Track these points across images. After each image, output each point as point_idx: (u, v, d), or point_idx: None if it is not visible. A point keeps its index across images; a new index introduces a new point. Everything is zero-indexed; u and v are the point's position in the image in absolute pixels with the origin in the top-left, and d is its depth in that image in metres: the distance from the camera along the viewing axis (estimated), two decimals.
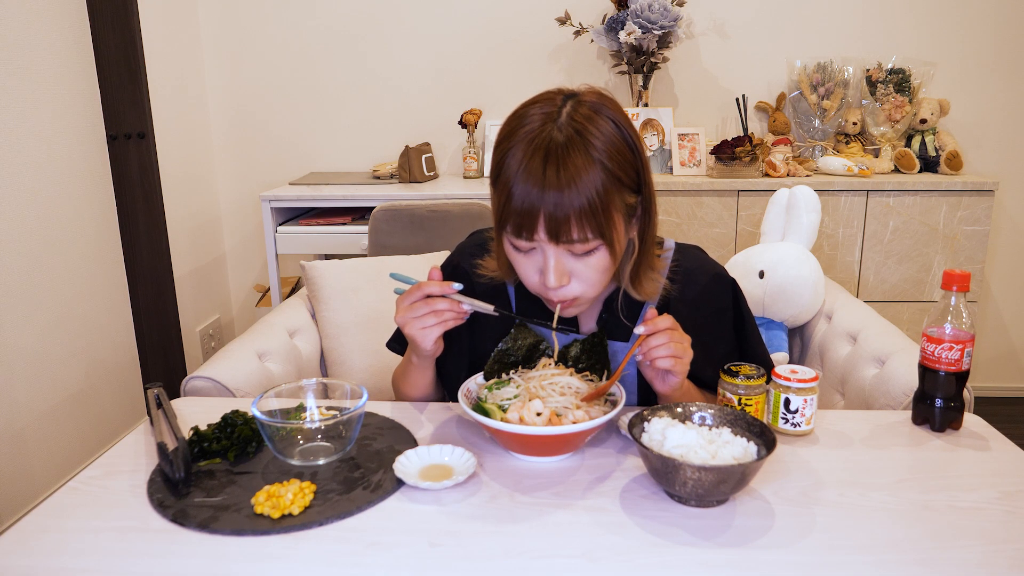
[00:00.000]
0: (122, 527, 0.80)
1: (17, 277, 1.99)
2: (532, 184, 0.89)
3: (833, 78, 2.68)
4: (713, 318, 1.11)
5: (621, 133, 0.93)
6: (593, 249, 0.93)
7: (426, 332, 0.97)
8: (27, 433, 2.03)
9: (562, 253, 0.94)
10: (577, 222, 0.90)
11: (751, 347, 1.14)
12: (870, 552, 0.75)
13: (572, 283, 0.96)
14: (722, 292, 1.12)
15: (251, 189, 2.99)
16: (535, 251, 0.95)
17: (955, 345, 0.97)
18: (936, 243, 2.47)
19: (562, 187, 0.88)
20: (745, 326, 1.14)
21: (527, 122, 0.93)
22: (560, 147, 0.89)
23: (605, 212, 0.91)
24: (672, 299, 1.09)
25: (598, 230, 0.91)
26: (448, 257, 1.20)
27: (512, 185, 0.91)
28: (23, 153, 2.01)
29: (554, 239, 0.91)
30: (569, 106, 0.93)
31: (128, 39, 2.28)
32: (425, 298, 0.97)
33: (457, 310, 0.97)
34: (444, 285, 0.97)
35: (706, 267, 1.13)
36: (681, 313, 1.06)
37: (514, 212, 0.91)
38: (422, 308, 0.96)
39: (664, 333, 0.94)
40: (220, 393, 1.27)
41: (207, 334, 2.90)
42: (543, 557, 0.74)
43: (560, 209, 0.89)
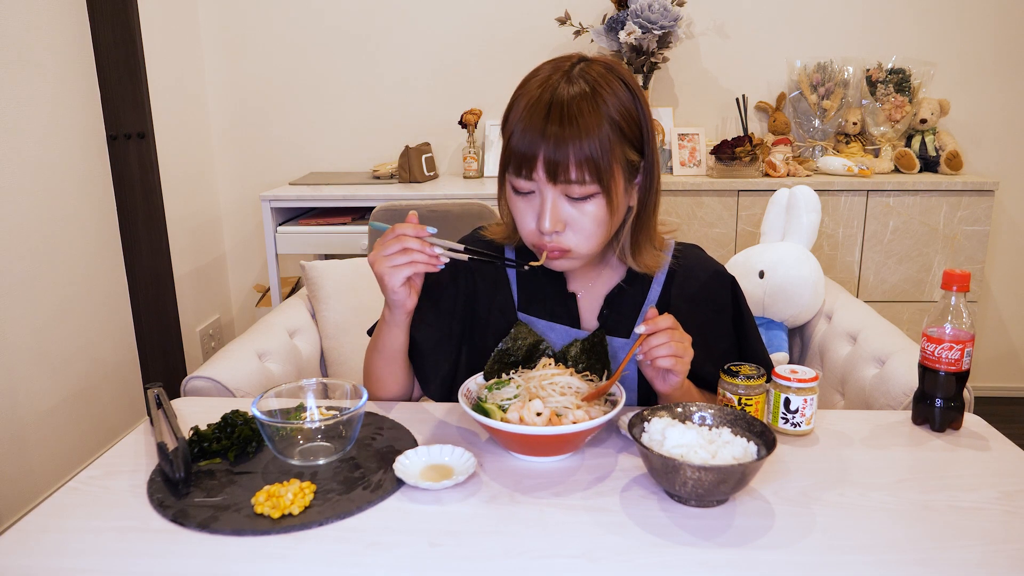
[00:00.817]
0: (122, 527, 0.80)
1: (17, 277, 1.99)
2: (536, 122, 0.92)
3: (833, 78, 2.68)
4: (713, 315, 1.11)
5: (631, 94, 0.96)
6: (590, 195, 0.95)
7: (395, 271, 0.95)
8: (27, 433, 2.03)
9: (559, 197, 0.95)
10: (576, 163, 0.91)
11: (750, 345, 1.14)
12: (870, 552, 0.75)
13: (567, 232, 0.97)
14: (722, 289, 1.12)
15: (251, 189, 2.99)
16: (533, 196, 0.97)
17: (955, 345, 0.97)
18: (936, 243, 2.47)
19: (564, 126, 0.91)
20: (744, 324, 1.14)
21: (540, 73, 0.97)
22: (568, 92, 0.93)
23: (605, 159, 0.92)
24: (672, 296, 1.09)
25: (596, 174, 0.92)
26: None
27: (517, 123, 0.94)
28: (23, 153, 2.01)
29: (552, 178, 0.93)
30: (582, 64, 0.97)
31: (128, 39, 2.28)
32: (398, 236, 0.96)
33: (429, 253, 0.95)
34: (418, 227, 0.96)
35: (706, 264, 1.13)
36: (681, 310, 1.06)
37: (516, 150, 0.94)
38: (394, 246, 0.95)
39: (665, 332, 0.94)
40: (220, 393, 1.27)
41: (207, 334, 2.90)
42: (543, 557, 0.74)
43: (560, 148, 0.91)
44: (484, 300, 1.12)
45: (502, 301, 1.11)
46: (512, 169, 0.96)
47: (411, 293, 1.00)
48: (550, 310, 1.10)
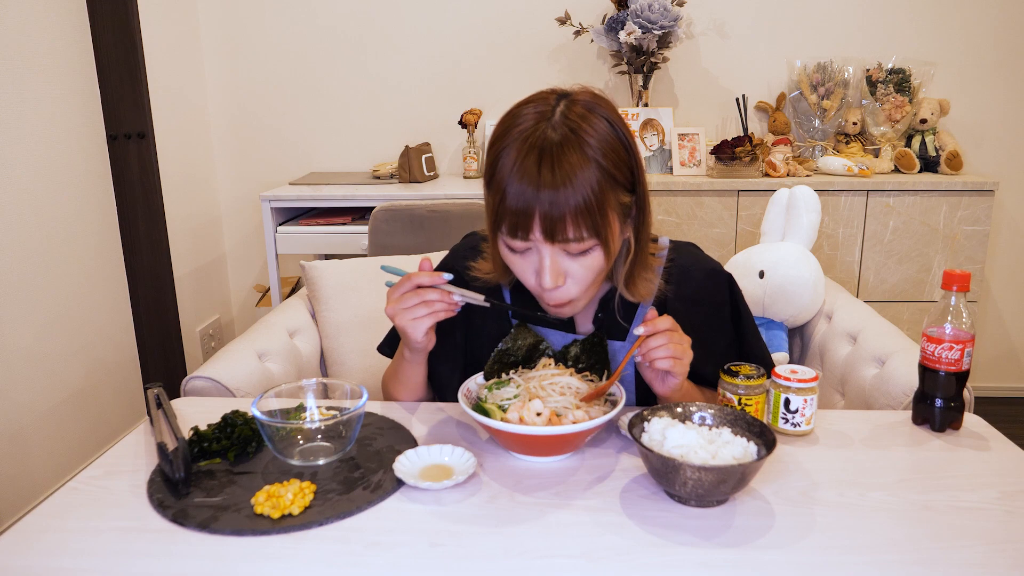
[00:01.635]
0: (122, 527, 0.80)
1: (17, 277, 1.99)
2: (527, 183, 0.89)
3: (833, 78, 2.68)
4: (711, 314, 1.11)
5: (615, 132, 0.93)
6: (588, 249, 0.93)
7: (416, 323, 0.96)
8: (27, 433, 2.03)
9: (558, 253, 0.93)
10: (573, 221, 0.89)
11: (749, 342, 1.14)
12: (870, 552, 0.75)
13: (568, 284, 0.96)
14: (718, 288, 1.12)
15: (251, 189, 2.99)
16: (530, 252, 0.95)
17: (955, 345, 0.97)
18: (936, 243, 2.47)
19: (557, 186, 0.88)
20: (742, 321, 1.14)
21: (520, 121, 0.93)
22: (555, 146, 0.89)
23: (600, 211, 0.90)
24: (669, 296, 1.08)
25: (593, 229, 0.91)
26: (442, 260, 1.20)
27: (507, 185, 0.90)
28: (23, 153, 2.01)
29: (550, 239, 0.91)
30: (563, 105, 0.93)
31: (128, 39, 2.28)
32: (415, 288, 0.96)
33: (448, 301, 0.96)
34: (434, 276, 0.95)
35: (702, 263, 1.13)
36: (678, 310, 1.06)
37: (509, 212, 0.91)
38: (412, 299, 0.95)
39: (664, 334, 0.94)
40: (220, 393, 1.27)
41: (207, 334, 2.90)
42: (543, 557, 0.74)
43: (556, 208, 0.88)
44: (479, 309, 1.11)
45: (497, 317, 1.11)
46: (507, 231, 0.92)
47: (432, 335, 1.00)
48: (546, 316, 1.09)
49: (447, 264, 1.18)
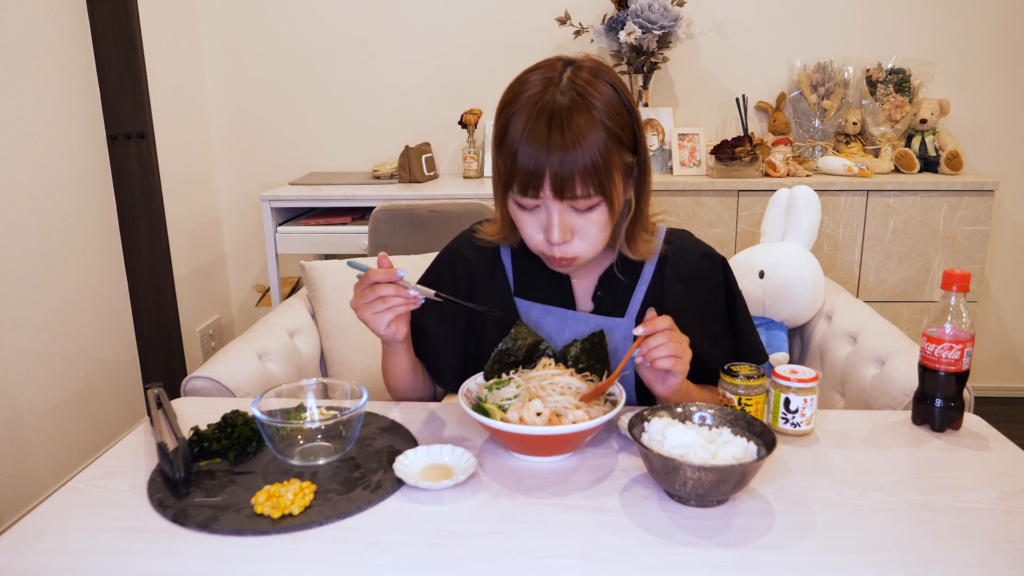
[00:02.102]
0: (122, 527, 0.80)
1: (17, 277, 1.99)
2: (538, 145, 0.93)
3: (833, 78, 2.68)
4: (707, 295, 1.14)
5: (619, 96, 0.98)
6: (595, 205, 0.98)
7: (376, 317, 0.99)
8: (27, 433, 2.03)
9: (565, 209, 0.98)
10: (581, 179, 0.94)
11: (741, 326, 1.16)
12: (870, 552, 0.75)
13: (574, 241, 1.00)
14: (713, 270, 1.15)
15: (251, 189, 2.99)
16: (539, 209, 0.99)
17: (955, 345, 0.97)
18: (936, 243, 2.47)
19: (567, 147, 0.93)
20: (736, 304, 1.16)
21: (528, 87, 0.98)
22: (564, 109, 0.94)
23: (607, 170, 0.95)
24: (665, 276, 1.12)
25: (600, 187, 0.95)
26: (449, 243, 1.22)
27: (518, 146, 0.95)
28: (23, 153, 2.01)
29: (559, 196, 0.95)
30: (569, 71, 0.98)
31: (128, 39, 2.28)
32: (372, 285, 0.98)
33: (405, 296, 0.98)
34: (389, 272, 0.97)
35: (697, 246, 1.17)
36: (675, 290, 1.10)
37: (520, 172, 0.95)
38: (370, 295, 0.98)
39: (663, 333, 0.95)
40: (220, 393, 1.27)
41: (207, 334, 2.90)
42: (543, 557, 0.74)
43: (565, 167, 0.93)
44: (482, 288, 1.15)
45: (498, 286, 1.14)
46: (517, 189, 0.97)
47: (400, 326, 1.02)
48: (545, 293, 1.13)
49: (452, 247, 1.21)
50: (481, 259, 1.16)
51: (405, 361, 1.11)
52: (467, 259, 1.17)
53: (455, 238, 1.22)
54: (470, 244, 1.18)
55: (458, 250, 1.19)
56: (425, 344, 1.16)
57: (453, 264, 1.18)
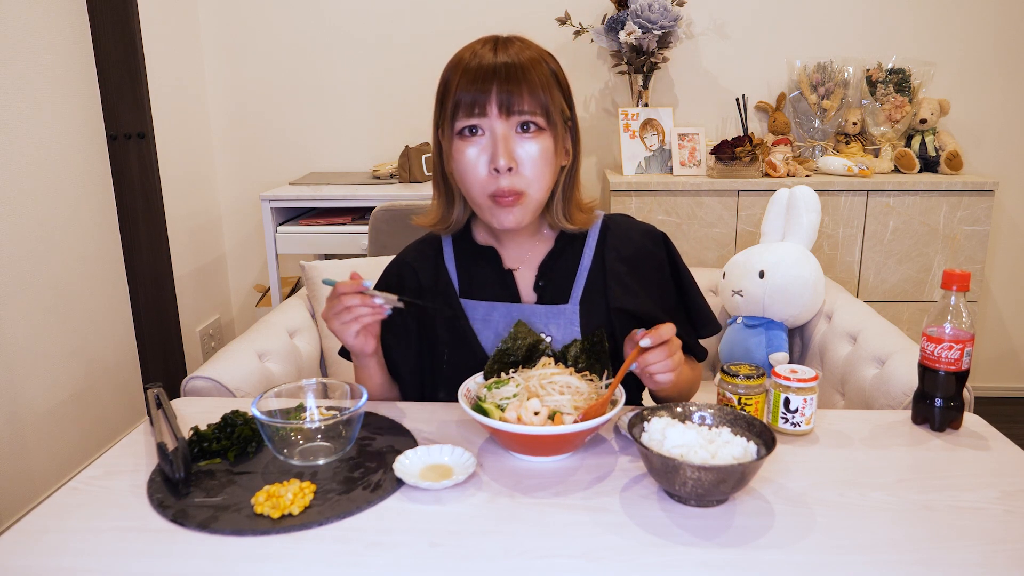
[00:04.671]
0: (122, 527, 0.80)
1: (17, 277, 1.99)
2: (484, 67, 0.99)
3: (833, 78, 2.68)
4: (653, 273, 1.16)
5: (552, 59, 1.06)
6: (539, 130, 1.01)
7: (345, 327, 1.01)
8: (27, 433, 2.03)
9: (511, 133, 1.00)
10: (529, 96, 0.98)
11: (692, 299, 1.18)
12: (870, 552, 0.75)
13: (518, 172, 1.01)
14: (655, 247, 1.17)
15: (251, 189, 2.99)
16: (484, 138, 1.01)
17: (955, 345, 0.97)
18: (936, 243, 2.47)
19: (512, 64, 0.99)
20: (682, 278, 1.18)
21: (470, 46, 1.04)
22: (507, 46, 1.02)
23: (550, 98, 1.00)
24: (607, 259, 1.13)
25: (544, 108, 1.00)
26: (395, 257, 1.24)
27: (463, 75, 1.00)
28: (23, 153, 2.01)
29: (506, 111, 0.99)
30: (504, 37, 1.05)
31: (128, 39, 2.28)
32: (339, 296, 1.00)
33: (371, 306, 1.00)
34: (355, 284, 1.00)
35: (637, 226, 1.19)
36: (619, 272, 1.12)
37: (466, 95, 0.99)
38: (337, 306, 1.00)
39: (662, 348, 0.95)
40: (220, 393, 1.27)
41: (207, 334, 2.90)
42: (543, 557, 0.74)
43: (512, 80, 0.98)
44: (429, 293, 1.16)
45: (443, 289, 1.15)
46: (463, 111, 1.00)
47: (368, 339, 1.05)
48: (490, 291, 1.14)
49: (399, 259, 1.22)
50: (425, 265, 1.18)
51: (377, 375, 1.13)
52: (412, 267, 1.18)
53: (402, 251, 1.24)
54: (413, 252, 1.21)
55: (403, 260, 1.21)
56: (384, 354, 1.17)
57: (400, 274, 1.19)
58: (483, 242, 1.16)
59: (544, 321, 1.10)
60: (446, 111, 1.03)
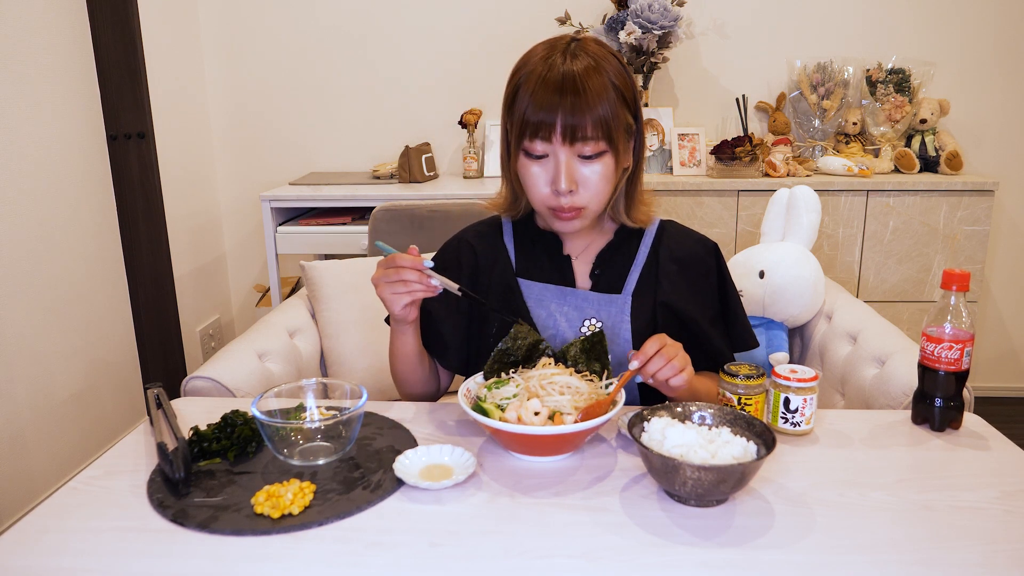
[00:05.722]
0: (122, 527, 0.80)
1: (17, 277, 1.99)
2: (552, 93, 1.01)
3: (833, 78, 2.68)
4: (701, 279, 1.18)
5: (621, 64, 1.07)
6: (601, 154, 1.03)
7: (395, 297, 1.03)
8: (27, 433, 2.03)
9: (573, 158, 1.03)
10: (592, 125, 1.00)
11: (733, 310, 1.20)
12: (870, 552, 0.75)
13: (579, 192, 1.05)
14: (707, 254, 1.20)
15: (251, 189, 2.99)
16: (547, 160, 1.04)
17: (955, 345, 0.97)
18: (936, 243, 2.47)
19: (579, 94, 1.00)
20: (727, 289, 1.20)
21: (538, 52, 1.06)
22: (576, 65, 1.02)
23: (614, 120, 1.02)
24: (660, 256, 1.16)
25: (608, 135, 1.02)
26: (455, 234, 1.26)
27: (532, 95, 1.02)
28: (23, 153, 2.01)
29: (569, 140, 1.01)
30: (575, 42, 1.06)
31: (128, 39, 2.28)
32: (398, 267, 1.01)
33: (426, 283, 1.01)
34: (416, 260, 1.01)
35: (690, 232, 1.23)
36: (671, 270, 1.15)
37: (533, 119, 1.02)
38: (393, 275, 1.01)
39: (659, 356, 0.96)
40: (220, 393, 1.27)
41: (207, 334, 2.90)
42: (543, 557, 0.74)
43: (578, 113, 1.00)
44: (485, 271, 1.20)
45: (501, 268, 1.19)
46: (529, 134, 1.03)
47: (412, 309, 1.07)
48: (546, 273, 1.17)
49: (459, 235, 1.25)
50: (484, 244, 1.21)
51: (411, 343, 1.14)
52: (471, 245, 1.22)
53: (462, 229, 1.27)
54: (474, 231, 1.24)
55: (462, 238, 1.24)
56: (427, 323, 1.19)
57: (458, 251, 1.22)
58: (544, 227, 1.20)
59: (596, 308, 1.14)
60: (513, 121, 1.06)
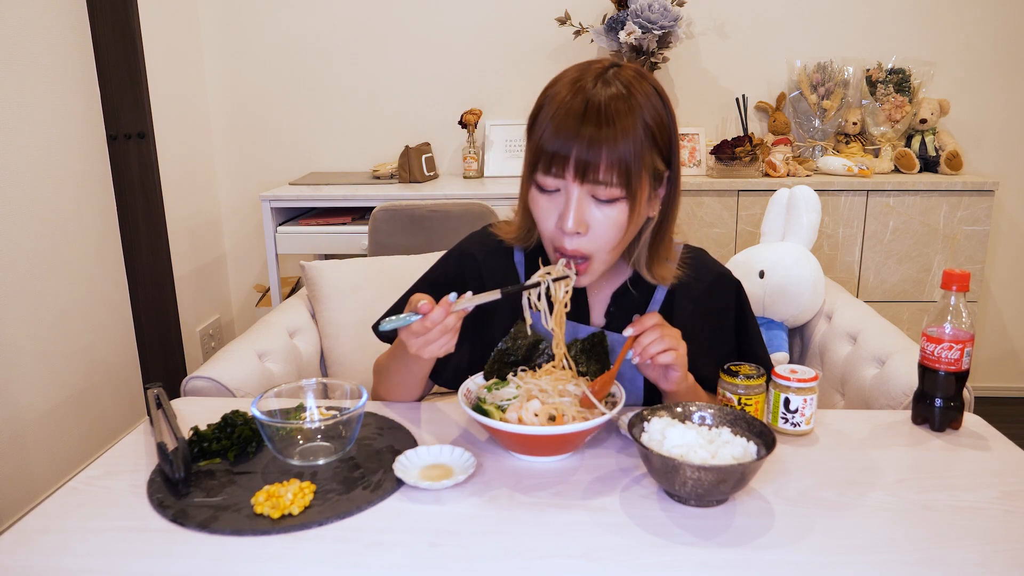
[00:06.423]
0: (122, 527, 0.80)
1: (17, 277, 1.99)
2: (571, 122, 0.91)
3: (833, 78, 2.68)
4: (716, 318, 1.12)
5: (661, 100, 0.96)
6: (616, 199, 0.93)
7: (446, 347, 0.95)
8: (27, 433, 2.03)
9: (585, 197, 0.94)
10: (607, 165, 0.90)
11: (752, 348, 1.14)
12: (870, 552, 0.75)
13: (588, 235, 0.95)
14: (726, 293, 1.13)
15: (251, 189, 2.99)
16: (558, 194, 0.95)
17: (955, 345, 0.97)
18: (936, 243, 2.47)
19: (600, 126, 0.90)
20: (747, 327, 1.14)
21: (571, 73, 0.97)
22: (605, 93, 0.92)
23: (636, 164, 0.91)
24: (677, 297, 1.09)
25: (625, 179, 0.92)
26: (459, 243, 1.19)
27: (550, 120, 0.92)
28: (23, 153, 2.01)
29: (581, 177, 0.92)
30: (615, 68, 0.97)
31: (128, 39, 2.28)
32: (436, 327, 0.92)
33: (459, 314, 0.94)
34: (446, 304, 0.92)
35: (711, 268, 1.13)
36: (686, 309, 1.08)
37: (547, 149, 0.92)
38: (436, 334, 0.92)
39: (653, 329, 0.95)
40: (220, 393, 1.27)
41: (207, 334, 2.90)
42: (543, 557, 0.74)
43: (594, 147, 0.90)
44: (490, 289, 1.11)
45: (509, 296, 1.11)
46: (541, 166, 0.94)
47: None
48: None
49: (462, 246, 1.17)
50: (493, 263, 1.12)
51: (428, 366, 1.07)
52: (478, 261, 1.13)
53: (466, 239, 1.19)
54: (482, 247, 1.14)
55: (469, 251, 1.15)
56: None
57: (462, 264, 1.15)
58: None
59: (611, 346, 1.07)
60: (530, 146, 0.96)
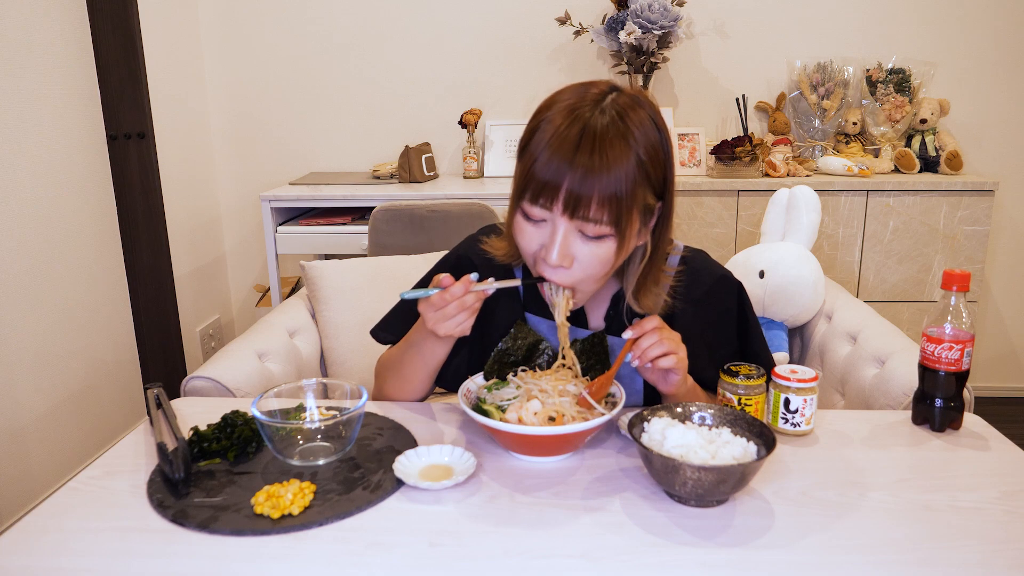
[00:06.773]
0: (122, 527, 0.80)
1: (17, 277, 1.99)
2: (564, 153, 0.88)
3: (833, 78, 2.68)
4: (717, 319, 1.11)
5: (659, 134, 0.93)
6: (603, 236, 0.91)
7: (463, 326, 0.96)
8: (27, 433, 2.03)
9: (572, 231, 0.92)
10: (598, 203, 0.88)
11: (753, 350, 1.13)
12: (870, 552, 0.75)
13: (572, 268, 0.94)
14: (727, 294, 1.12)
15: (251, 189, 2.99)
16: (545, 224, 0.93)
17: (955, 345, 0.97)
18: (936, 243, 2.47)
19: (593, 163, 0.87)
20: (749, 328, 1.14)
21: (567, 97, 0.93)
22: (599, 125, 0.89)
23: (627, 203, 0.89)
24: (677, 298, 1.08)
25: (615, 218, 0.89)
26: (457, 246, 1.19)
27: (542, 150, 0.89)
28: (23, 153, 2.01)
29: (571, 212, 0.89)
30: (614, 94, 0.93)
31: (128, 39, 2.28)
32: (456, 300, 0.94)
33: (479, 295, 0.95)
34: (467, 282, 0.94)
35: (712, 269, 1.12)
36: (686, 313, 1.07)
37: (537, 178, 0.89)
38: (454, 309, 0.94)
39: (653, 332, 0.95)
40: (220, 393, 1.27)
41: (207, 334, 2.90)
42: (543, 557, 0.74)
43: (586, 185, 0.87)
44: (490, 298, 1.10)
45: (509, 300, 1.11)
46: (529, 196, 0.91)
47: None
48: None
49: (459, 251, 1.17)
50: (490, 268, 1.10)
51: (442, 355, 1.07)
52: (476, 266, 1.11)
53: (463, 243, 1.18)
54: (481, 256, 1.12)
55: (467, 256, 1.14)
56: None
57: (459, 268, 1.13)
58: None
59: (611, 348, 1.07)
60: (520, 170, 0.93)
